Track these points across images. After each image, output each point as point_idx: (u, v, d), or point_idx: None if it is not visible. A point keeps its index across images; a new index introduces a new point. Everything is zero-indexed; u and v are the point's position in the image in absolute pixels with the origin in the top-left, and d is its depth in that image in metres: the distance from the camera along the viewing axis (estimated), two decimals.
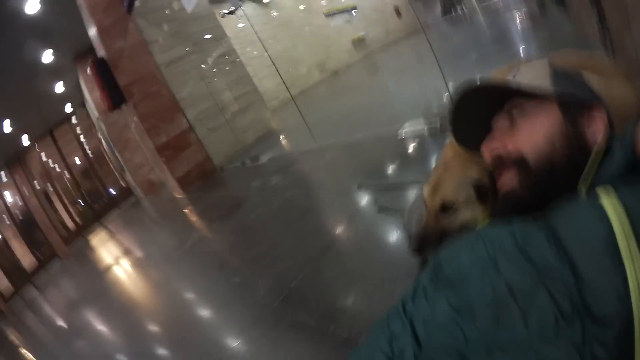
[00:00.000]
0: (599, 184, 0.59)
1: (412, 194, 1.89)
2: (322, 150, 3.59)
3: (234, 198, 3.91)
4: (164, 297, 2.83)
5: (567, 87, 0.75)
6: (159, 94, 5.57)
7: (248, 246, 2.48)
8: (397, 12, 12.28)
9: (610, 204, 0.50)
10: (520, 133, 0.76)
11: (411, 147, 2.50)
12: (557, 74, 0.79)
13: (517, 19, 6.32)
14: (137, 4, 5.18)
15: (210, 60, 6.19)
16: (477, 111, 0.84)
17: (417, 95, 3.88)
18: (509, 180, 0.75)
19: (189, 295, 2.61)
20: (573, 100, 0.73)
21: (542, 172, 0.70)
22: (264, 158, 4.51)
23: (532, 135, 0.74)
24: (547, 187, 0.69)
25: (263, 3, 9.54)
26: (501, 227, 0.54)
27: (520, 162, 0.73)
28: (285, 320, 1.66)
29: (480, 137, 0.86)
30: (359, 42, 11.16)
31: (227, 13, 7.21)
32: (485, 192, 0.96)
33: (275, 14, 9.80)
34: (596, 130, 0.71)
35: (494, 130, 0.83)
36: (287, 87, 6.15)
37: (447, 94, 2.94)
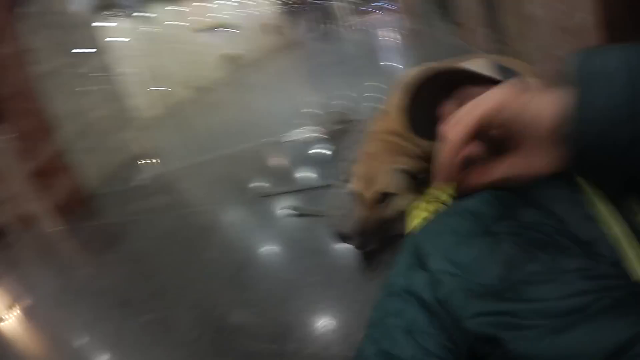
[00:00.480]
0: None
1: (314, 196, 1.96)
2: (207, 164, 3.43)
3: (119, 224, 3.50)
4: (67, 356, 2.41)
5: (506, 75, 0.79)
6: (33, 111, 4.71)
7: (147, 277, 2.17)
8: (270, 29, 12.57)
9: None
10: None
11: (301, 153, 2.61)
12: (501, 68, 0.86)
13: (393, 34, 6.83)
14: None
15: (86, 74, 5.50)
16: (424, 100, 0.85)
17: (296, 106, 4.16)
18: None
19: (97, 347, 2.09)
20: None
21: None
22: (145, 178, 4.23)
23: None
24: None
25: (145, 17, 8.91)
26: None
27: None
28: (232, 352, 1.47)
29: (425, 125, 0.87)
30: (233, 59, 11.12)
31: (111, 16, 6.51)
32: (416, 178, 1.05)
33: (153, 29, 9.19)
34: None
35: (443, 116, 0.82)
36: (163, 103, 5.80)
37: (329, 103, 3.22)
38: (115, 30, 7.24)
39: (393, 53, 5.92)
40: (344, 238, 1.07)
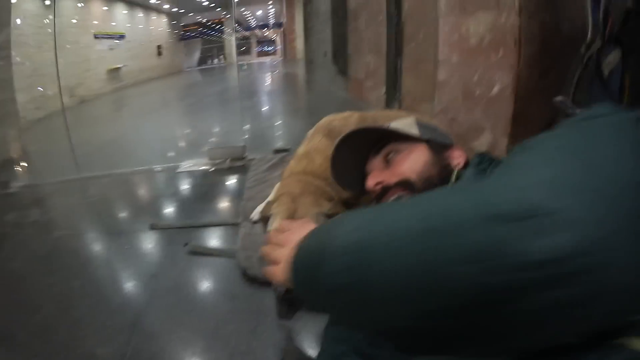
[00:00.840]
0: None
1: (211, 234, 1.63)
2: (87, 181, 2.78)
3: None
4: None
5: (431, 133, 0.96)
6: None
7: (27, 306, 1.44)
8: (159, 51, 12.22)
9: None
10: (399, 165, 0.91)
11: (197, 185, 2.19)
12: (421, 125, 1.01)
13: (281, 78, 6.99)
14: None
15: None
16: (351, 157, 0.99)
17: (186, 134, 3.72)
18: (394, 196, 0.86)
19: None
20: (437, 142, 0.94)
21: (424, 188, 0.83)
22: (15, 185, 3.23)
23: (411, 163, 0.90)
24: None
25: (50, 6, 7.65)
26: None
27: (405, 183, 0.87)
28: None
29: (353, 179, 1.02)
30: (123, 75, 10.29)
31: None
32: None
33: (48, 20, 7.88)
34: (459, 162, 0.91)
35: (371, 171, 0.97)
36: (47, 106, 4.79)
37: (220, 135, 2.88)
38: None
39: (279, 96, 6.00)
40: (259, 282, 1.19)
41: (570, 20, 2.05)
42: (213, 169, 2.27)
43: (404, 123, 1.04)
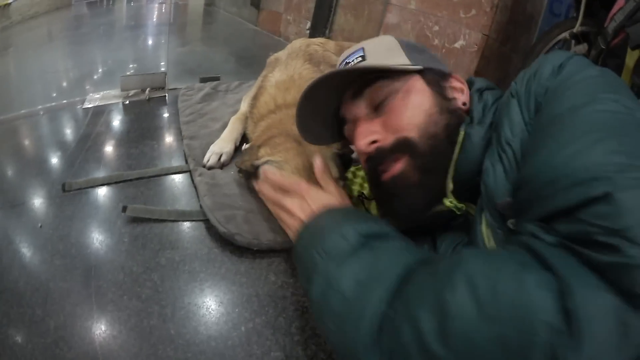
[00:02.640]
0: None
1: (152, 188, 1.17)
2: None
3: None
4: None
5: (423, 60, 0.78)
6: None
7: None
8: None
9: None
10: (394, 115, 0.74)
11: (110, 123, 1.57)
12: (408, 46, 0.81)
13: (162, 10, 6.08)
14: None
15: None
16: (320, 105, 0.82)
17: (88, 67, 2.86)
18: (394, 167, 0.72)
19: None
20: (434, 71, 0.77)
21: (429, 149, 0.70)
22: None
23: (410, 112, 0.72)
24: (434, 166, 0.71)
25: None
26: None
27: (405, 145, 0.71)
28: None
29: (323, 130, 0.88)
30: (4, 10, 7.63)
31: None
32: (348, 160, 1.01)
33: None
34: (464, 101, 0.76)
35: (351, 122, 0.81)
36: None
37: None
38: None
39: (177, 25, 5.19)
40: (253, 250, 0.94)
41: (532, 2, 2.18)
42: (127, 102, 1.72)
43: (384, 46, 0.82)
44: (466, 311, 0.40)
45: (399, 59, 0.77)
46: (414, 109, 0.73)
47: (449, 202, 0.71)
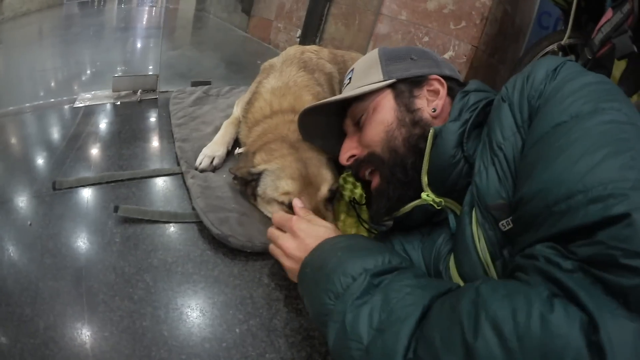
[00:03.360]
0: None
1: (144, 189, 1.16)
2: None
3: None
4: None
5: (399, 68, 0.85)
6: None
7: None
8: None
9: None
10: (365, 131, 0.84)
11: (101, 123, 1.55)
12: (388, 58, 0.88)
13: (152, 13, 6.06)
14: None
15: None
16: (321, 123, 0.97)
17: (80, 66, 2.83)
18: (374, 182, 0.84)
19: None
20: (407, 80, 0.83)
21: (391, 161, 0.78)
22: None
23: (374, 130, 0.82)
24: (404, 182, 0.78)
25: None
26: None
27: (372, 158, 0.81)
28: None
29: (332, 143, 0.99)
30: None
31: None
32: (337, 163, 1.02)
33: None
34: (435, 105, 0.81)
35: (346, 138, 0.93)
36: None
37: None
38: None
39: (168, 29, 5.16)
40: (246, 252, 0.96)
41: (521, 15, 2.24)
42: (119, 102, 1.70)
43: (366, 64, 0.91)
44: (496, 356, 0.40)
45: (373, 76, 0.85)
46: (376, 126, 0.82)
47: (426, 195, 0.76)
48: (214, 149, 1.25)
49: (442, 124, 0.78)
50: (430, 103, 0.82)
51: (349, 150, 0.88)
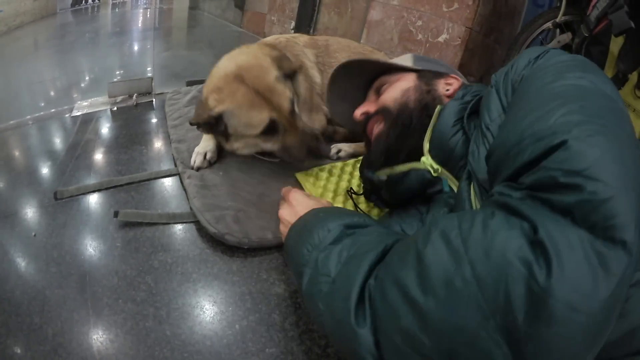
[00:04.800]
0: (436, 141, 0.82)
1: (142, 192, 1.14)
2: None
3: None
4: None
5: (425, 64, 0.99)
6: None
7: None
8: None
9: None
10: (384, 95, 0.95)
11: (99, 130, 1.57)
12: (417, 58, 1.04)
13: (147, 15, 6.07)
14: None
15: None
16: (349, 86, 1.08)
17: (75, 75, 2.80)
18: (377, 128, 0.93)
19: None
20: (429, 71, 0.96)
21: (401, 115, 0.87)
22: None
23: (391, 92, 0.93)
24: (405, 130, 0.86)
25: None
26: None
27: (383, 110, 0.92)
28: None
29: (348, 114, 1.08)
30: None
31: None
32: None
33: None
34: (448, 88, 0.92)
35: (364, 102, 1.04)
36: None
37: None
38: None
39: (163, 30, 5.16)
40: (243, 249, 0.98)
41: None
42: (115, 108, 1.72)
43: (400, 59, 1.05)
44: (442, 260, 0.43)
45: (405, 62, 0.99)
46: (395, 89, 0.93)
47: (425, 159, 0.83)
48: (203, 145, 1.26)
49: None
50: (446, 86, 0.93)
51: (364, 108, 0.98)
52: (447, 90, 0.92)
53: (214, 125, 1.10)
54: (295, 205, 0.82)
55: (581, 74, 0.55)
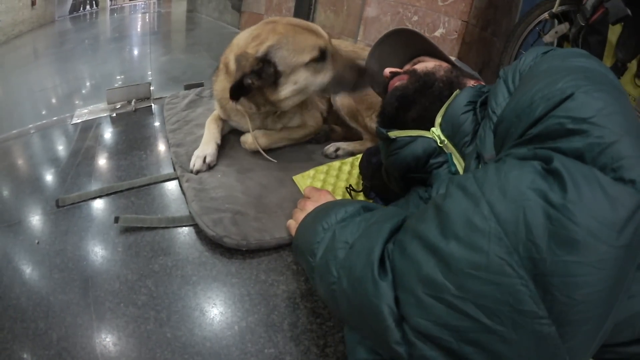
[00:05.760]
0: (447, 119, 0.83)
1: (142, 197, 1.16)
2: None
3: None
4: None
5: (463, 66, 1.02)
6: None
7: None
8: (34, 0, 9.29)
9: None
10: (417, 65, 0.98)
11: (99, 137, 1.59)
12: (457, 61, 1.05)
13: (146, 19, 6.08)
14: None
15: None
16: (389, 54, 1.07)
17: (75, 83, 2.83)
18: (399, 80, 0.94)
19: None
20: (460, 68, 0.98)
21: (425, 77, 0.91)
22: None
23: (424, 63, 0.97)
24: (425, 88, 0.89)
25: None
26: None
27: (410, 71, 0.94)
28: None
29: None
30: None
31: None
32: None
33: None
34: (468, 85, 0.93)
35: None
36: None
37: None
38: None
39: (162, 34, 5.18)
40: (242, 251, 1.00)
41: None
42: (115, 114, 1.74)
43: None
44: (461, 205, 0.45)
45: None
46: (427, 63, 0.96)
47: (434, 130, 0.85)
48: (203, 148, 1.28)
49: None
50: (464, 83, 0.95)
51: (395, 69, 0.99)
52: (465, 85, 0.95)
53: (261, 71, 1.08)
54: (312, 207, 0.83)
55: (586, 60, 0.59)
